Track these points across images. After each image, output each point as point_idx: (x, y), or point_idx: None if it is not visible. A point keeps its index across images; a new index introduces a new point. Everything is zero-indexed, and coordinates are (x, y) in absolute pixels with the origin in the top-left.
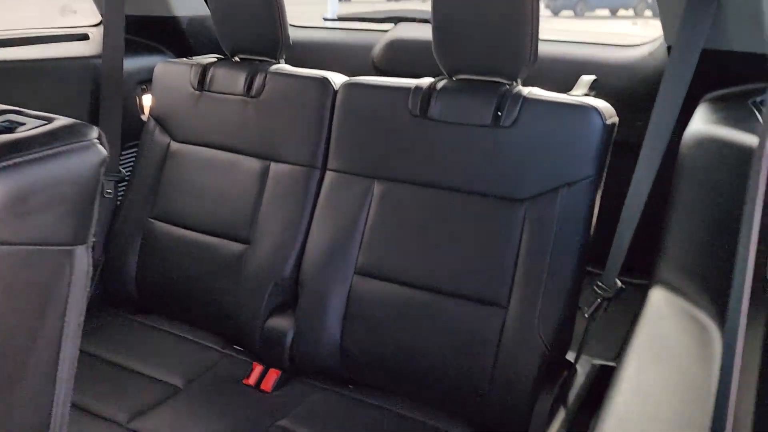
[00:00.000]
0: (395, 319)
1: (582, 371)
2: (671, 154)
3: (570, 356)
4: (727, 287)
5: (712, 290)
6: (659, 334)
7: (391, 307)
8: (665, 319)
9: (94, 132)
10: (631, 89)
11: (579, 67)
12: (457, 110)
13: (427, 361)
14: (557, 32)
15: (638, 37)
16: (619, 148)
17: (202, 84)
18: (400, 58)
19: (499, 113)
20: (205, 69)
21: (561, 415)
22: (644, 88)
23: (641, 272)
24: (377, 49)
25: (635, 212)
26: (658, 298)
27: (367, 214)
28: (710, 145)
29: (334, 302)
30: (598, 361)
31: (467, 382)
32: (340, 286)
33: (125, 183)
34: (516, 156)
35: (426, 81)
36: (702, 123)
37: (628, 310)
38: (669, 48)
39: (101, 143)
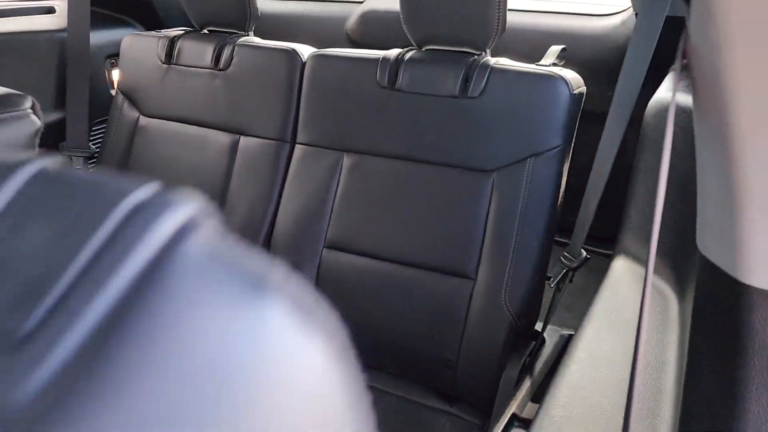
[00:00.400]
0: (364, 292)
1: (550, 341)
2: (639, 123)
3: (540, 327)
4: (685, 256)
5: (671, 259)
6: (618, 303)
7: (360, 280)
8: (625, 288)
9: (28, 101)
10: (602, 59)
11: (549, 38)
12: (425, 81)
13: (397, 333)
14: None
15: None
16: (590, 118)
17: (170, 57)
18: (375, 30)
19: (467, 84)
20: (172, 42)
21: (527, 385)
22: (615, 57)
23: (612, 242)
24: (351, 22)
25: (600, 181)
26: (620, 267)
27: (337, 188)
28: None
29: (303, 276)
30: (567, 331)
31: (437, 354)
32: (309, 260)
33: (95, 159)
34: (484, 126)
35: (394, 52)
36: (667, 91)
37: (601, 280)
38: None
39: (35, 113)
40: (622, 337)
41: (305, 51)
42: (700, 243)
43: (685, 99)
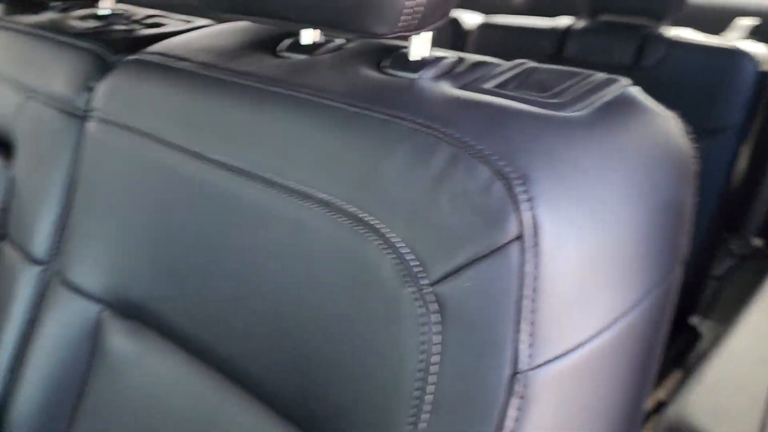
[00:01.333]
0: None
1: (709, 337)
2: None
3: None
4: None
5: None
6: None
7: None
8: None
9: None
10: None
11: (738, 12)
12: (594, 49)
13: None
14: None
15: None
16: None
17: None
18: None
19: (641, 54)
20: None
21: (678, 375)
22: None
23: None
24: None
25: None
26: None
27: None
28: None
29: None
30: None
31: None
32: None
33: None
34: (657, 100)
35: (564, 21)
36: None
37: None
38: None
39: None
40: None
41: (469, 19)
42: None
43: None
